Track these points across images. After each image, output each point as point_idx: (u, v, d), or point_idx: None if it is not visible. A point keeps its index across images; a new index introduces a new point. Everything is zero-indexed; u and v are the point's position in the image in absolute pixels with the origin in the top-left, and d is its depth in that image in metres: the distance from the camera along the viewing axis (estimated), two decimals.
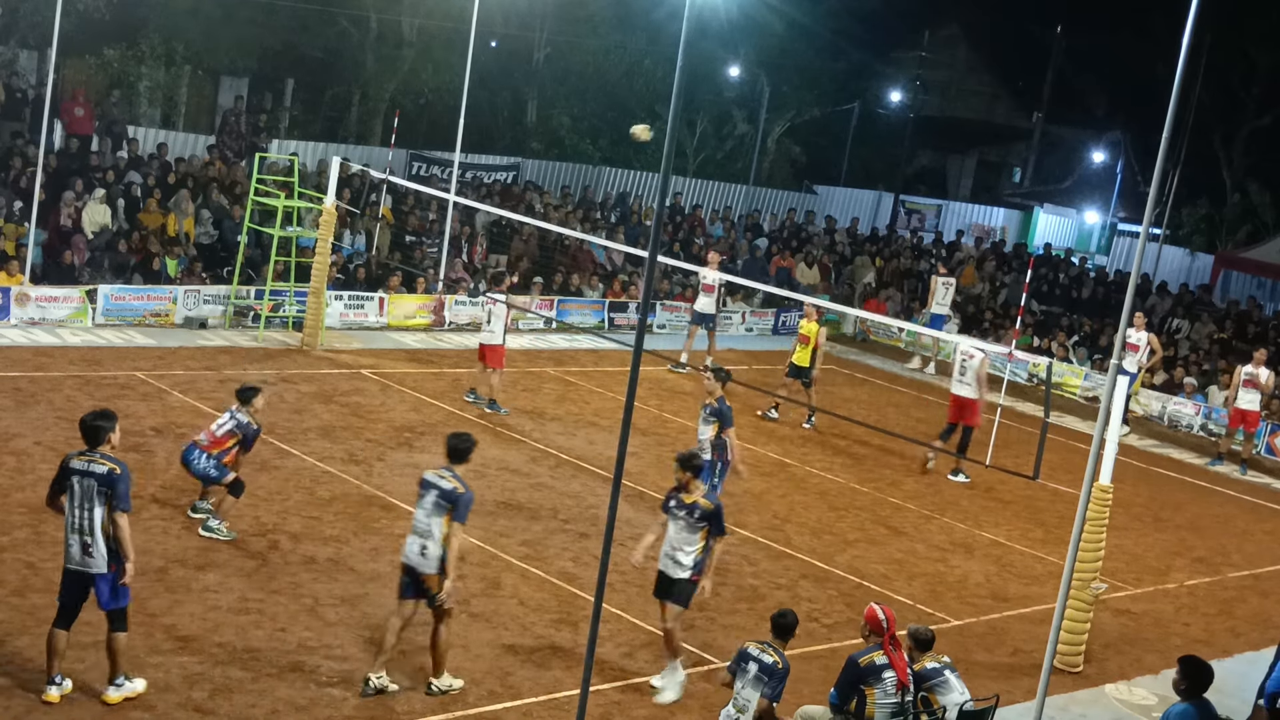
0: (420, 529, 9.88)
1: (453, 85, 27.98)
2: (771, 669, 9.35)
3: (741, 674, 9.48)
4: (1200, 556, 16.65)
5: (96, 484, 8.86)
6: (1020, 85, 47.38)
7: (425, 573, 9.87)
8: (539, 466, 15.89)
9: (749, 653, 9.55)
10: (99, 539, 8.87)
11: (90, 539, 8.87)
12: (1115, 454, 11.92)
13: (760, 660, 9.42)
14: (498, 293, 18.35)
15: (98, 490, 8.85)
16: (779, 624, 9.70)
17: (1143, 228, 9.15)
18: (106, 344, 18.52)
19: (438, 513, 9.82)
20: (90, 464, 8.90)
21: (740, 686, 9.45)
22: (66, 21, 20.26)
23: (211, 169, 24.24)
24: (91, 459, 8.92)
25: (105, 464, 8.90)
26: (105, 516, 8.87)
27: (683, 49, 7.09)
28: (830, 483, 17.21)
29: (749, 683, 9.39)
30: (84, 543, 8.89)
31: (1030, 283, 21.82)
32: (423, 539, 9.86)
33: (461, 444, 10.19)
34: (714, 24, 30.24)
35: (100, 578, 8.92)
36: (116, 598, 9.00)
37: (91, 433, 9.00)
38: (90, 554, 8.89)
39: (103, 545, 8.88)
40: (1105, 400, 8.95)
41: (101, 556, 8.89)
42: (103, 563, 8.89)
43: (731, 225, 31.56)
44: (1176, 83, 8.43)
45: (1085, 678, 12.23)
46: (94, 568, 8.90)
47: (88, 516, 8.86)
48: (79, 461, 8.93)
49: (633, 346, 7.20)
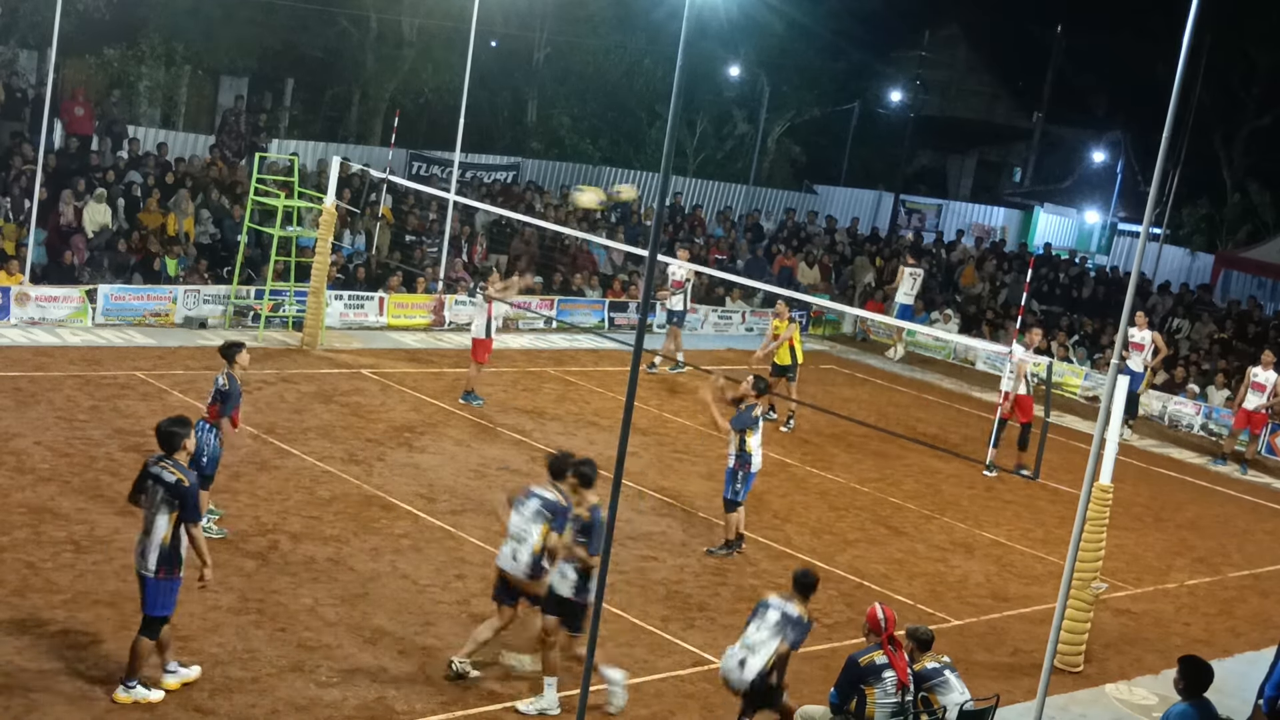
0: (516, 534, 10.08)
1: (453, 85, 27.98)
2: (797, 620, 9.47)
3: (759, 619, 9.55)
4: (1200, 556, 16.65)
5: (164, 491, 9.06)
6: (1020, 85, 47.37)
7: (515, 576, 10.09)
8: (539, 466, 15.84)
9: (771, 602, 9.63)
10: (154, 544, 9.03)
11: (148, 541, 9.06)
12: (1115, 454, 11.92)
13: (784, 610, 9.51)
14: (482, 288, 18.40)
15: (163, 498, 9.04)
16: (801, 581, 9.80)
17: (1143, 228, 9.14)
18: (106, 344, 18.52)
19: (537, 520, 10.03)
20: (163, 471, 9.11)
21: (755, 628, 9.50)
22: (66, 21, 20.27)
23: (212, 169, 24.24)
24: (165, 466, 9.15)
25: (175, 474, 9.11)
26: (167, 525, 9.02)
27: (683, 49, 7.08)
28: (830, 483, 17.21)
29: (767, 627, 9.46)
30: (143, 544, 9.09)
31: (1030, 282, 21.81)
32: (516, 543, 10.05)
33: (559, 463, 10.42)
34: (714, 24, 30.24)
35: (148, 580, 9.08)
36: (158, 605, 9.16)
37: (167, 439, 9.25)
38: (144, 556, 9.09)
39: (155, 550, 9.03)
40: (1105, 400, 8.94)
41: (152, 560, 9.05)
42: (152, 566, 9.05)
43: (732, 225, 31.56)
44: (1176, 83, 8.43)
45: (1085, 678, 12.23)
46: (144, 569, 9.09)
47: (151, 520, 9.08)
48: (156, 467, 9.18)
49: (633, 346, 7.19)
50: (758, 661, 9.39)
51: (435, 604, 11.53)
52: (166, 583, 9.10)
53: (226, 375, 12.08)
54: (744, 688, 9.44)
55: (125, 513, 12.44)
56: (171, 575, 9.10)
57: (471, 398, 17.94)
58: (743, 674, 9.42)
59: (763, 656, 9.38)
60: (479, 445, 16.31)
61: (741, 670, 9.43)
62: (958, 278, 31.16)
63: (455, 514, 13.79)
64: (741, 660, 9.47)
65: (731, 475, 13.65)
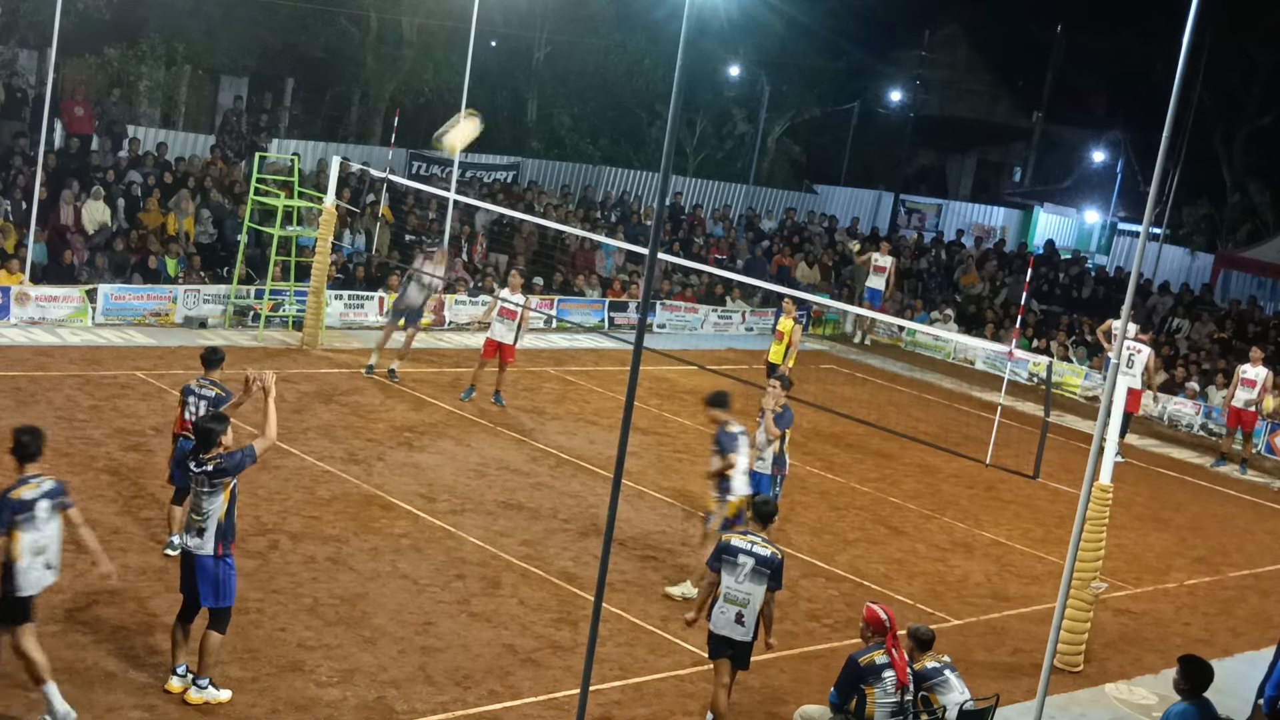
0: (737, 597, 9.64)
1: (453, 85, 27.95)
2: (770, 560, 9.56)
3: (731, 567, 9.60)
4: (1200, 556, 16.65)
5: (212, 473, 9.29)
6: (1020, 85, 47.33)
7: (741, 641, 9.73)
8: (539, 466, 15.89)
9: (736, 545, 9.67)
10: (212, 522, 9.22)
11: (203, 521, 9.23)
12: (1115, 454, 11.92)
13: (756, 554, 9.58)
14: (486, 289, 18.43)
15: (211, 482, 9.26)
16: (761, 510, 9.96)
17: (1143, 227, 9.15)
18: (106, 343, 18.52)
19: (757, 580, 9.60)
20: (206, 464, 9.32)
21: (736, 580, 9.56)
22: (66, 21, 20.26)
23: (212, 169, 24.24)
24: (204, 463, 9.34)
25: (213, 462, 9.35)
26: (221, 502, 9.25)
27: (682, 49, 7.08)
28: (830, 483, 17.21)
29: (747, 576, 9.54)
30: (199, 528, 9.23)
31: (1030, 282, 21.82)
32: (739, 607, 9.63)
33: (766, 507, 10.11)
34: (714, 23, 30.24)
35: (206, 563, 9.20)
36: (218, 596, 9.28)
37: (204, 435, 9.43)
38: (200, 535, 9.24)
39: (212, 525, 9.22)
40: (1105, 400, 8.95)
41: (210, 538, 9.23)
42: (210, 545, 9.22)
43: (731, 225, 31.55)
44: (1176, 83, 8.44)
45: (1085, 677, 12.23)
46: (202, 549, 9.21)
47: (201, 500, 9.26)
48: (194, 464, 9.39)
49: (633, 346, 7.20)
50: (751, 615, 9.62)
51: (435, 604, 11.53)
52: (224, 563, 9.25)
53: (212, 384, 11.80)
54: (746, 640, 9.68)
55: (125, 513, 12.47)
56: (229, 552, 9.29)
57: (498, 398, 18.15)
58: (745, 629, 9.66)
59: (754, 609, 9.58)
60: (479, 445, 16.31)
61: (742, 625, 9.64)
62: (958, 278, 31.16)
63: (455, 514, 13.79)
64: (738, 615, 9.63)
65: (770, 480, 13.52)
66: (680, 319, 25.65)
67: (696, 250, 28.76)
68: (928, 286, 30.56)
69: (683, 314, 25.83)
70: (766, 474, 13.50)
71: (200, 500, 9.27)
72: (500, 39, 32.20)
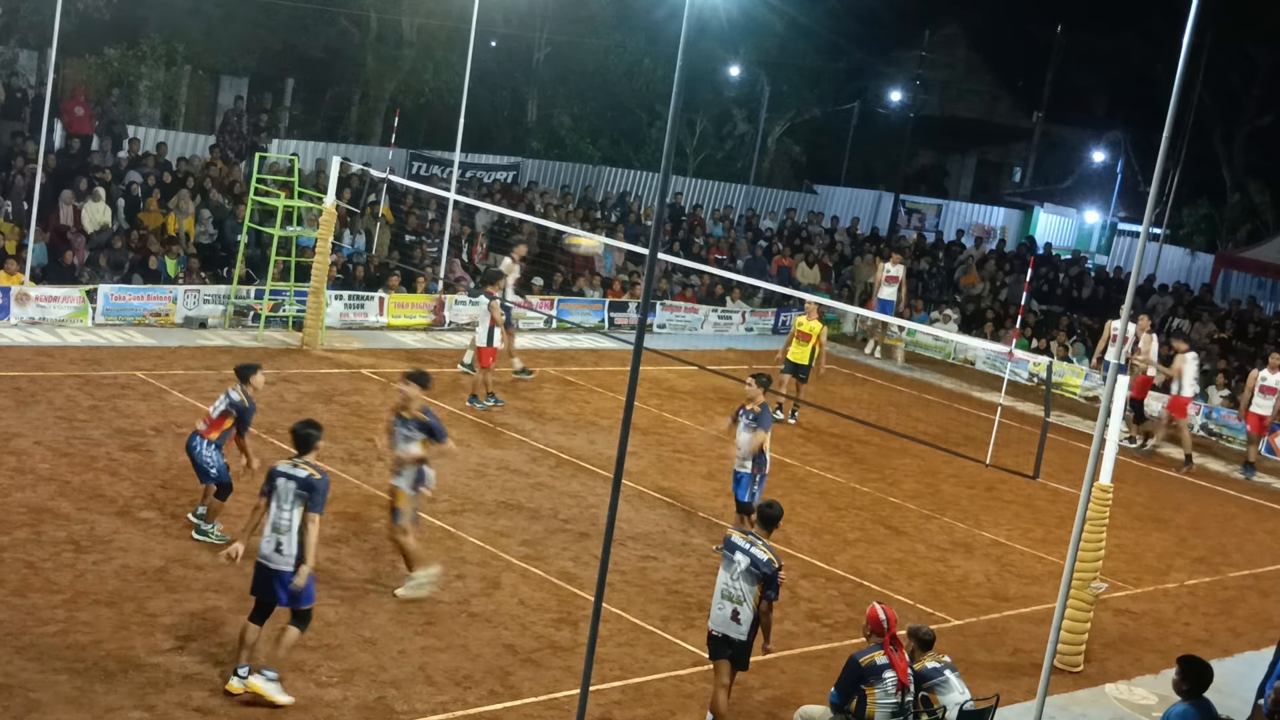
0: (732, 594, 9.76)
1: (453, 85, 27.96)
2: (765, 564, 9.56)
3: (728, 563, 9.66)
4: (1200, 556, 16.65)
5: (296, 486, 9.47)
6: (1020, 85, 47.35)
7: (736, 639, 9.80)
8: (539, 466, 15.89)
9: (735, 542, 9.72)
10: (292, 539, 9.42)
11: (284, 538, 9.43)
12: (1115, 454, 11.93)
13: (752, 555, 9.59)
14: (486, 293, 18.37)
15: (296, 492, 9.45)
16: (765, 514, 9.93)
17: (1143, 227, 9.15)
18: (106, 344, 18.52)
19: (749, 581, 9.66)
20: (295, 468, 9.55)
21: (731, 577, 9.63)
22: (66, 21, 20.26)
23: (212, 169, 24.24)
24: (297, 464, 9.59)
25: (307, 469, 9.57)
26: (301, 517, 9.44)
27: (683, 49, 7.08)
28: (830, 483, 17.21)
29: (741, 575, 9.59)
30: (278, 541, 9.44)
31: (1030, 282, 21.80)
32: (734, 604, 9.75)
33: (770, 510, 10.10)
34: (714, 24, 30.23)
35: (287, 575, 9.43)
36: (298, 598, 9.50)
37: (303, 440, 9.72)
38: (280, 551, 9.46)
39: (294, 546, 9.43)
40: (1105, 400, 8.95)
41: (290, 556, 9.44)
42: (289, 563, 9.44)
43: (731, 225, 31.55)
44: (1176, 83, 8.44)
45: (1085, 677, 12.23)
46: (280, 564, 9.45)
47: (286, 517, 9.46)
48: (285, 465, 9.62)
49: (633, 346, 7.20)
50: (748, 611, 9.63)
51: (435, 604, 11.53)
52: None
53: (242, 394, 12.10)
54: (743, 638, 9.69)
55: (125, 513, 12.47)
56: None
57: (474, 400, 17.92)
58: (741, 627, 9.67)
59: (750, 606, 9.59)
60: (479, 445, 16.31)
61: (738, 623, 9.66)
62: (958, 279, 31.16)
63: (455, 514, 13.79)
64: (734, 613, 9.66)
65: (750, 478, 13.59)
66: (680, 319, 25.65)
67: (697, 250, 28.75)
68: (928, 287, 30.54)
69: (683, 314, 25.82)
70: (746, 473, 13.56)
71: (281, 511, 9.46)
72: (500, 39, 32.20)
